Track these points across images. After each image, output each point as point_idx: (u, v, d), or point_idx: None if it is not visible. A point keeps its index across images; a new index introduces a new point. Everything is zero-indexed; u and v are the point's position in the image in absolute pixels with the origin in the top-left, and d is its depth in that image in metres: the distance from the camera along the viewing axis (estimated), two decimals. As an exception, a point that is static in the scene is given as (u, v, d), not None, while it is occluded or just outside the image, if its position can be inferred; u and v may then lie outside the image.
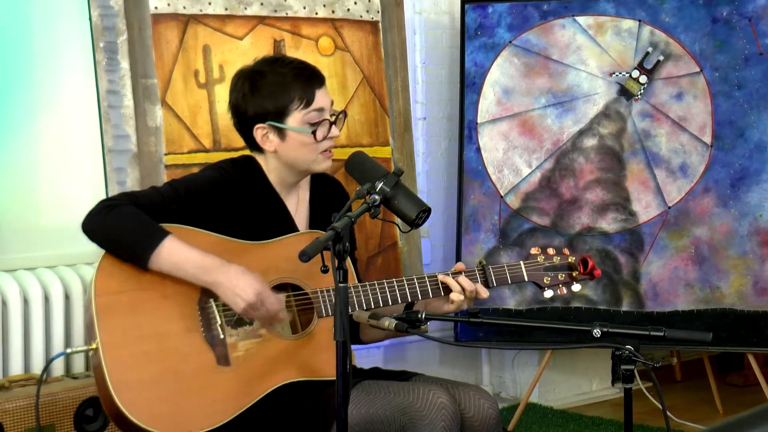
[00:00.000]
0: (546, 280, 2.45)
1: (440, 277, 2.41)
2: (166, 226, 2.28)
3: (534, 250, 2.48)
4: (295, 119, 2.40)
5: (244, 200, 2.40)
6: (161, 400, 2.21)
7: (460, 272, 2.42)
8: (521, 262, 2.46)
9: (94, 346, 2.21)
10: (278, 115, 2.39)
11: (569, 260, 2.46)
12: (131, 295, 2.25)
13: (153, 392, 2.21)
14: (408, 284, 2.39)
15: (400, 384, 2.33)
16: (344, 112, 2.52)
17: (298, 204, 2.52)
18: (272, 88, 2.39)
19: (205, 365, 2.26)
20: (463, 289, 2.39)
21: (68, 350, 2.31)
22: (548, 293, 2.45)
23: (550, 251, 2.47)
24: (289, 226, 2.47)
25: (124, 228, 2.24)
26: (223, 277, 2.24)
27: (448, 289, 2.41)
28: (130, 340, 2.22)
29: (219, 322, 2.29)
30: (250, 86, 2.42)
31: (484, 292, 2.41)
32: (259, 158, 2.48)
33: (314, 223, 2.53)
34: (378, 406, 2.27)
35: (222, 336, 2.29)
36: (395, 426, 2.25)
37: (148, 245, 2.22)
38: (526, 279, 2.45)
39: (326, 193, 2.58)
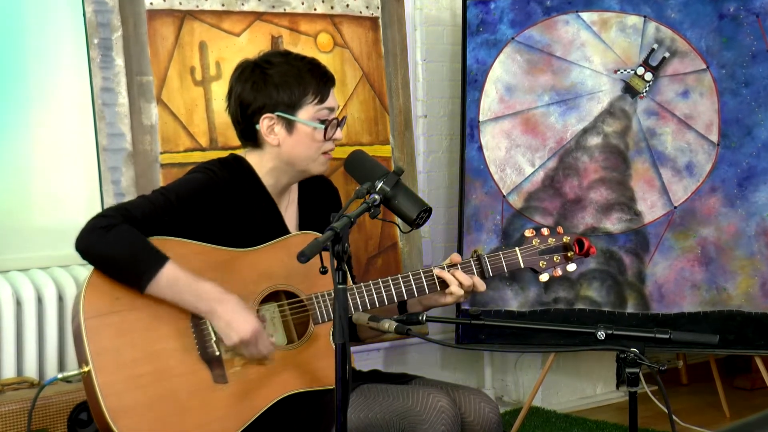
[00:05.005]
0: (542, 264, 2.42)
1: (436, 271, 2.37)
2: (156, 239, 2.23)
3: (528, 232, 2.44)
4: (306, 113, 2.38)
5: (235, 201, 2.36)
6: (159, 423, 2.17)
7: (455, 264, 2.39)
8: (517, 249, 2.42)
9: (86, 369, 2.17)
10: (290, 106, 2.36)
11: (564, 240, 2.43)
12: (122, 315, 2.20)
13: (150, 416, 2.17)
14: (403, 281, 2.36)
15: (399, 388, 2.30)
16: (345, 117, 2.51)
17: (288, 204, 2.49)
18: (286, 78, 2.36)
19: (201, 384, 2.22)
20: (460, 283, 2.35)
21: (59, 375, 2.26)
22: (544, 276, 2.42)
23: (545, 231, 2.44)
24: (281, 228, 2.43)
25: (121, 252, 2.19)
26: (221, 308, 2.21)
27: (444, 283, 2.37)
28: (124, 363, 2.18)
29: (213, 339, 2.25)
30: (261, 76, 2.38)
31: (482, 285, 2.38)
32: (252, 157, 2.44)
33: (304, 224, 2.50)
34: (377, 411, 2.25)
35: (217, 353, 2.25)
36: (395, 430, 2.23)
37: (147, 272, 2.18)
38: (522, 266, 2.42)
39: (316, 194, 2.56)
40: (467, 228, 3.75)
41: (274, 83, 2.36)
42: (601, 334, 2.08)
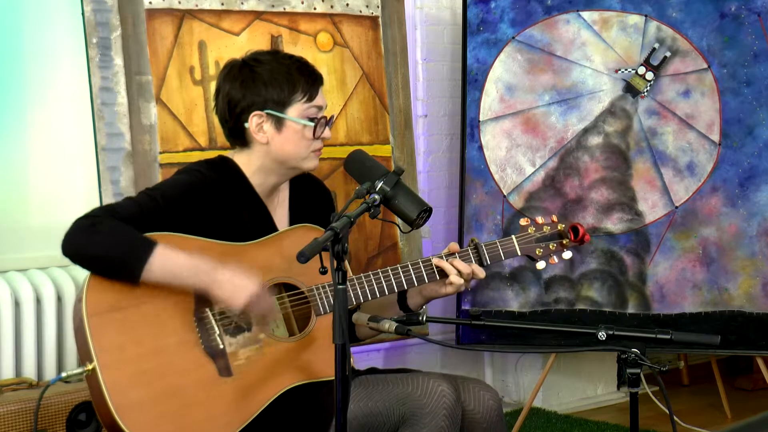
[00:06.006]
0: (538, 252, 2.44)
1: (435, 261, 2.38)
2: (152, 234, 2.23)
3: (523, 221, 2.47)
4: (296, 111, 2.37)
5: (222, 202, 2.35)
6: (165, 418, 2.17)
7: (453, 253, 2.39)
8: (513, 237, 2.45)
9: (90, 367, 2.16)
10: (279, 104, 2.36)
11: (559, 228, 2.46)
12: (125, 312, 2.20)
13: (156, 411, 2.16)
14: (403, 271, 2.36)
15: (399, 375, 2.32)
16: (334, 116, 2.50)
17: (277, 204, 2.48)
18: (275, 75, 2.36)
19: (206, 378, 2.22)
20: (460, 272, 2.35)
21: (63, 374, 2.24)
22: (541, 264, 2.45)
23: (539, 220, 2.47)
24: (270, 227, 2.43)
25: (109, 244, 2.17)
26: (220, 276, 2.20)
27: (443, 273, 2.38)
28: (128, 359, 2.17)
29: (217, 332, 2.25)
30: (250, 74, 2.37)
31: (481, 273, 2.40)
32: (240, 157, 2.43)
33: (294, 223, 2.48)
34: (377, 399, 2.26)
35: (221, 346, 2.25)
36: (395, 417, 2.24)
37: (139, 258, 2.17)
38: (519, 253, 2.44)
39: (307, 193, 2.55)
40: (467, 228, 3.73)
41: (263, 81, 2.35)
42: (602, 335, 2.08)
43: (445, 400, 2.22)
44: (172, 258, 2.19)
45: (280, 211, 2.47)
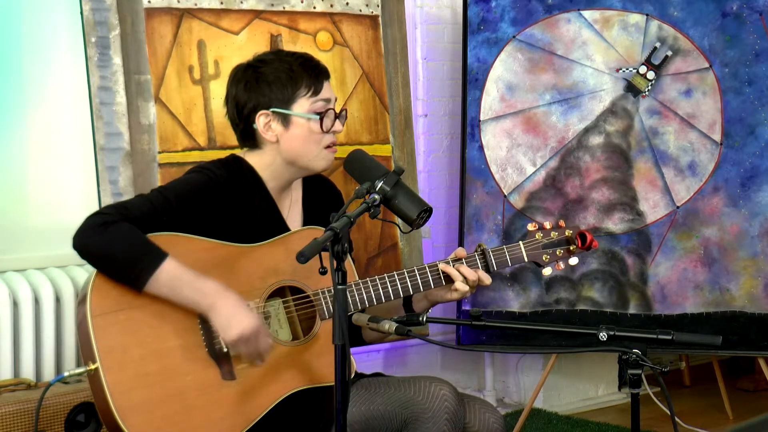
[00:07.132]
0: (545, 258, 2.44)
1: (441, 266, 2.38)
2: (160, 235, 2.22)
3: (531, 227, 2.47)
4: (301, 106, 2.37)
5: (234, 201, 2.35)
6: (168, 421, 2.16)
7: (460, 259, 2.39)
8: (520, 243, 2.44)
9: (93, 367, 2.15)
10: (284, 101, 2.36)
11: (567, 234, 2.45)
12: (129, 313, 2.19)
13: (159, 414, 2.16)
14: (409, 276, 2.36)
15: (400, 378, 2.31)
16: (345, 110, 2.48)
17: (290, 204, 2.48)
18: (278, 74, 2.36)
19: (210, 381, 2.21)
20: (465, 278, 2.34)
21: (66, 373, 2.24)
22: (547, 270, 2.44)
23: (547, 225, 2.47)
24: (281, 227, 2.42)
25: (119, 249, 2.17)
26: (220, 303, 2.19)
27: (449, 278, 2.37)
28: (132, 360, 2.17)
29: (221, 335, 2.23)
30: (253, 75, 2.38)
31: (487, 279, 2.39)
32: (252, 156, 2.43)
33: (307, 223, 2.48)
34: (378, 402, 2.25)
35: (225, 349, 2.24)
36: (397, 421, 2.23)
37: (146, 269, 2.16)
38: (526, 260, 2.44)
39: (320, 193, 2.55)
40: (468, 228, 3.72)
41: (266, 81, 2.36)
42: (603, 335, 2.07)
43: (446, 404, 2.21)
44: (179, 274, 2.18)
45: (293, 210, 2.47)
